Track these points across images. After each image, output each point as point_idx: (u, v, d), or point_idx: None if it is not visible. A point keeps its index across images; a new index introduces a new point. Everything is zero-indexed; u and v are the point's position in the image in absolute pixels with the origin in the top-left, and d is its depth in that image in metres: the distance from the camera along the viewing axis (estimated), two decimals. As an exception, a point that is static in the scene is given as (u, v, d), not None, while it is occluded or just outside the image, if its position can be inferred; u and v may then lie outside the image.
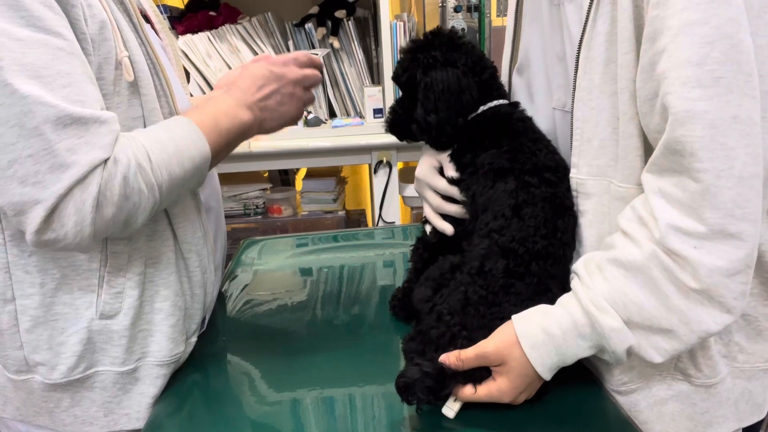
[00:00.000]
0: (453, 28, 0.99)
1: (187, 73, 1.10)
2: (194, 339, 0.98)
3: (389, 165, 2.29)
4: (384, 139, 2.25)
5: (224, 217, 1.16)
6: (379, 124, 2.30)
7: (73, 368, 0.86)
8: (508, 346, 0.76)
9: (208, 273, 0.98)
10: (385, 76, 2.24)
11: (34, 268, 0.83)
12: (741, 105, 0.64)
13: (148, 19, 0.99)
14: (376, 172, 2.30)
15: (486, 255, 0.83)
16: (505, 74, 1.05)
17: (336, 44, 2.34)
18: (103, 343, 0.86)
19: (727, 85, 0.63)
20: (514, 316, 0.77)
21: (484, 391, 0.78)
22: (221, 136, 0.87)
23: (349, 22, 2.34)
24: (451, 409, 0.79)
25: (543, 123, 0.94)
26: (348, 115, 2.44)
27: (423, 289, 0.90)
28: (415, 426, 0.80)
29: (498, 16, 2.35)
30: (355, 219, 2.81)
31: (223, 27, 2.33)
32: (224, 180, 1.30)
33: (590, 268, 0.75)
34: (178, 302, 0.91)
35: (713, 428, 0.85)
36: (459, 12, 2.28)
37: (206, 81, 2.31)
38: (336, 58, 2.37)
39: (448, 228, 0.96)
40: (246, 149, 2.19)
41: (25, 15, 0.70)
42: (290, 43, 2.38)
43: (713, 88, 0.63)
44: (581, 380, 0.86)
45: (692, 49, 0.64)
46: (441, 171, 0.97)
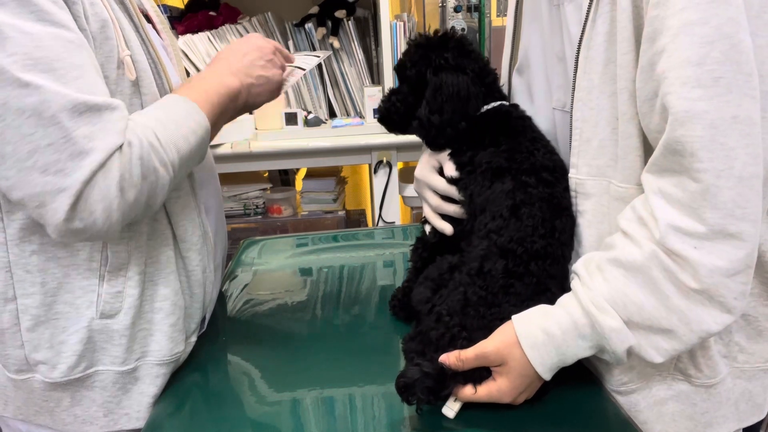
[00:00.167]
0: (453, 28, 0.99)
1: (187, 73, 1.10)
2: (194, 338, 0.99)
3: (389, 165, 2.29)
4: (384, 139, 2.25)
5: (224, 217, 1.17)
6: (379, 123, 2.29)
7: (74, 367, 0.86)
8: (508, 347, 0.76)
9: (207, 272, 0.98)
10: (385, 76, 2.24)
11: (35, 268, 0.83)
12: (741, 105, 0.64)
13: (149, 18, 0.99)
14: (376, 172, 2.30)
15: (485, 256, 0.83)
16: (505, 74, 1.05)
17: (336, 44, 2.34)
18: (104, 342, 0.87)
19: (727, 85, 0.63)
20: (514, 317, 0.77)
21: (484, 392, 0.78)
22: (214, 105, 0.90)
23: (349, 22, 2.33)
24: (451, 409, 0.79)
25: (543, 123, 0.94)
26: (348, 115, 2.44)
27: (422, 289, 0.90)
28: (415, 426, 0.80)
29: (498, 16, 2.35)
30: (355, 219, 2.81)
31: (223, 27, 2.33)
32: (224, 180, 1.30)
33: (590, 269, 0.75)
34: (178, 301, 0.92)
35: (713, 428, 0.85)
36: (459, 12, 2.28)
37: (206, 81, 2.30)
38: (336, 58, 2.37)
39: (447, 228, 0.96)
40: (246, 149, 2.19)
41: (34, 10, 0.71)
42: (290, 43, 2.38)
43: (713, 88, 0.63)
44: (581, 380, 0.86)
45: (692, 49, 0.64)
46: (440, 171, 0.97)
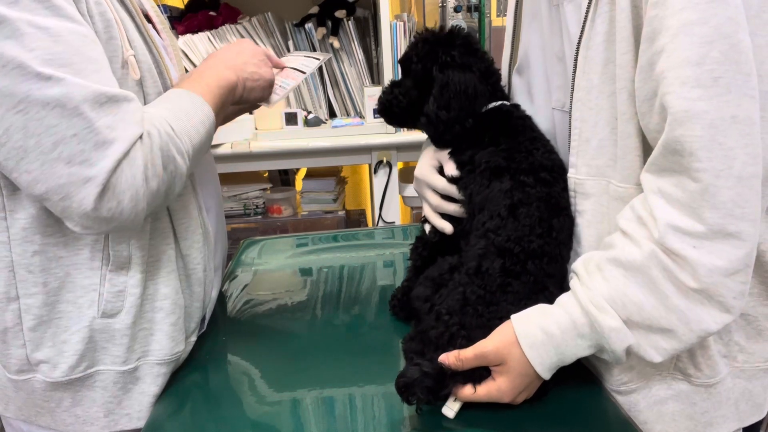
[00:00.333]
0: (459, 26, 0.99)
1: (186, 73, 1.11)
2: (194, 338, 0.99)
3: (389, 165, 2.29)
4: (384, 139, 2.25)
5: (224, 217, 1.17)
6: (380, 124, 2.30)
7: (75, 367, 0.86)
8: (507, 346, 0.76)
9: (207, 271, 0.98)
10: (385, 76, 2.24)
11: (37, 268, 0.83)
12: (740, 105, 0.64)
13: (149, 18, 0.99)
14: (376, 172, 2.30)
15: (483, 255, 0.83)
16: (505, 74, 1.05)
17: (336, 44, 2.34)
18: (105, 341, 0.87)
19: (726, 84, 0.63)
20: (513, 316, 0.77)
21: (483, 391, 0.78)
22: (216, 97, 0.92)
23: (349, 22, 2.33)
24: (451, 409, 0.79)
25: (542, 123, 0.94)
26: (348, 115, 2.44)
27: (422, 288, 0.91)
28: (415, 426, 0.80)
29: (498, 16, 2.35)
30: (355, 219, 2.81)
31: (223, 27, 2.33)
32: (224, 180, 1.30)
33: (589, 268, 0.75)
34: (179, 300, 0.92)
35: (713, 428, 0.85)
36: (459, 12, 2.28)
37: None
38: (336, 58, 2.37)
39: (447, 227, 0.96)
40: (246, 149, 2.19)
41: (48, 6, 0.72)
42: (290, 43, 2.38)
43: (712, 88, 0.63)
44: (581, 380, 0.86)
45: (691, 48, 0.64)
46: (440, 170, 0.97)
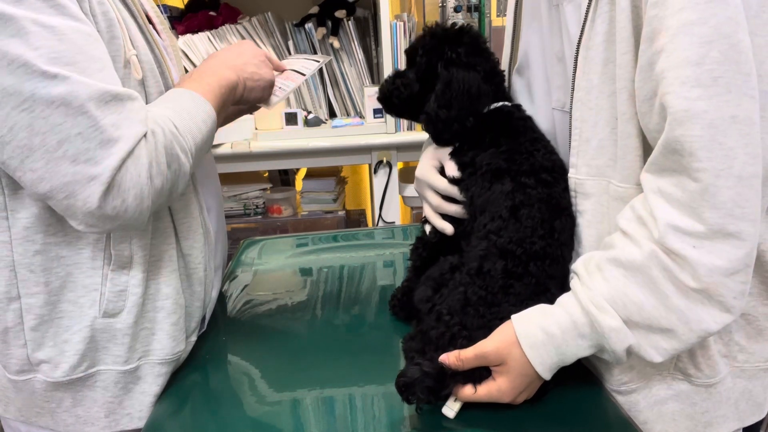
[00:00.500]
0: (469, 24, 0.98)
1: (187, 73, 1.11)
2: (194, 338, 0.99)
3: (389, 165, 2.29)
4: (384, 139, 2.25)
5: (224, 217, 1.17)
6: (380, 124, 2.30)
7: (76, 366, 0.86)
8: (508, 346, 0.76)
9: (208, 271, 0.98)
10: (385, 76, 2.23)
11: (38, 267, 0.83)
12: (740, 105, 0.64)
13: (149, 19, 0.99)
14: (376, 172, 2.30)
15: (484, 256, 0.83)
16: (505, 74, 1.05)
17: (336, 44, 2.34)
18: (106, 341, 0.87)
19: (726, 84, 0.63)
20: (514, 316, 0.77)
21: (484, 391, 0.78)
22: (217, 96, 0.91)
23: (349, 22, 2.33)
24: (451, 409, 0.79)
25: (543, 123, 0.94)
26: (348, 115, 2.44)
27: (423, 288, 0.90)
28: (415, 426, 0.80)
29: (498, 16, 2.35)
30: (355, 219, 2.81)
31: (223, 27, 2.33)
32: (224, 180, 1.30)
33: (590, 268, 0.75)
34: (179, 300, 0.92)
35: (713, 428, 0.85)
36: (459, 12, 2.28)
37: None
38: (336, 58, 2.37)
39: (448, 227, 0.96)
40: (246, 149, 2.19)
41: (53, 4, 0.72)
42: (290, 43, 2.38)
43: (712, 88, 0.64)
44: (581, 380, 0.86)
45: (691, 48, 0.64)
46: (441, 170, 0.97)
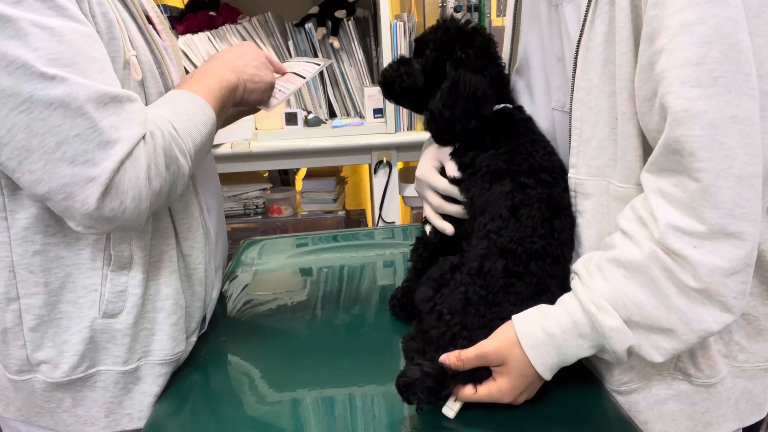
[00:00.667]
0: (483, 26, 0.98)
1: (187, 73, 1.11)
2: (194, 338, 0.99)
3: (389, 165, 2.29)
4: (384, 139, 2.25)
5: (224, 217, 1.17)
6: (380, 124, 2.30)
7: (75, 367, 0.86)
8: (509, 346, 0.76)
9: (208, 271, 0.98)
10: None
11: (38, 268, 0.83)
12: (740, 104, 0.64)
13: (149, 19, 0.99)
14: (376, 172, 2.30)
15: (485, 255, 0.83)
16: (505, 74, 1.05)
17: (336, 44, 2.34)
18: (106, 342, 0.87)
19: (726, 84, 0.63)
20: (515, 316, 0.77)
21: (484, 391, 0.78)
22: (217, 98, 0.91)
23: (349, 22, 2.33)
24: (451, 409, 0.79)
25: (542, 123, 0.94)
26: (348, 115, 2.44)
27: (424, 288, 0.90)
28: (415, 426, 0.80)
29: (498, 16, 2.35)
30: (355, 219, 2.81)
31: (223, 27, 2.33)
32: (224, 180, 1.30)
33: (590, 268, 0.75)
34: (179, 300, 0.92)
35: (713, 428, 0.85)
36: (459, 12, 2.28)
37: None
38: (336, 58, 2.37)
39: (448, 228, 0.96)
40: (246, 149, 2.19)
41: (52, 5, 0.72)
42: (290, 43, 2.38)
43: (712, 88, 0.64)
44: (581, 380, 0.86)
45: (691, 48, 0.64)
46: (442, 171, 0.97)
